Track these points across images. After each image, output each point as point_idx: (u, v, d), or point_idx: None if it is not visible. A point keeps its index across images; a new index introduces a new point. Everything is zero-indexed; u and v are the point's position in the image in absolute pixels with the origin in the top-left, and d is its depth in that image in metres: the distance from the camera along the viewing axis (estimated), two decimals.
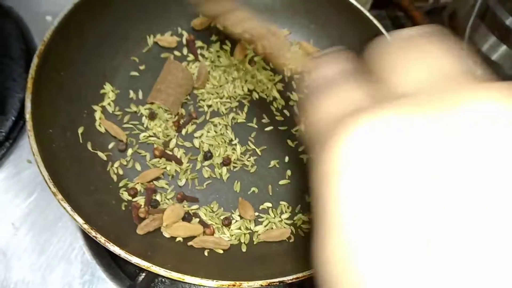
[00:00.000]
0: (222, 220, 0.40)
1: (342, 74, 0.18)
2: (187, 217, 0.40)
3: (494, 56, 0.51)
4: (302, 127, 0.17)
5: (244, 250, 0.39)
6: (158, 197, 0.40)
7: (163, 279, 0.39)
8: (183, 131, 0.44)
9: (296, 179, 0.44)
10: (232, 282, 0.32)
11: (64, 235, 0.40)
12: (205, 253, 0.38)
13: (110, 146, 0.42)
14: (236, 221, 0.41)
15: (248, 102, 0.47)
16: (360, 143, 0.12)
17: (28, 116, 0.35)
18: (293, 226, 0.41)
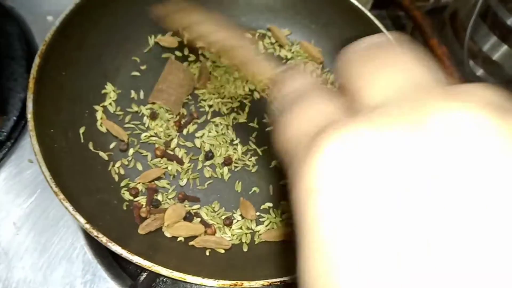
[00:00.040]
0: (224, 220, 0.40)
1: (311, 87, 0.17)
2: (189, 217, 0.40)
3: (495, 56, 0.51)
4: (275, 144, 0.17)
5: (246, 250, 0.39)
6: (160, 197, 0.41)
7: (165, 279, 0.39)
8: (184, 131, 0.44)
9: None
10: (234, 282, 0.32)
11: (66, 235, 0.40)
12: (207, 253, 0.38)
13: (112, 146, 0.42)
14: (238, 221, 0.41)
15: (249, 102, 0.47)
16: (334, 159, 0.12)
17: (30, 116, 0.35)
18: (294, 226, 0.41)
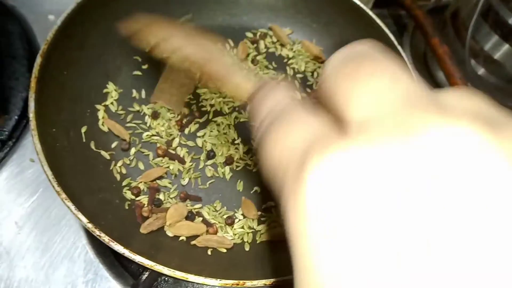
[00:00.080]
0: (225, 219, 0.40)
1: (291, 102, 0.17)
2: (190, 216, 0.40)
3: (497, 55, 0.51)
4: (261, 167, 0.16)
5: (247, 249, 0.39)
6: (161, 196, 0.41)
7: (167, 278, 0.39)
8: (186, 130, 0.44)
9: None
10: (236, 281, 0.32)
11: (67, 234, 0.40)
12: (208, 252, 0.38)
13: (113, 145, 0.42)
14: (239, 220, 0.41)
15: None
16: (325, 180, 0.12)
17: (32, 116, 0.35)
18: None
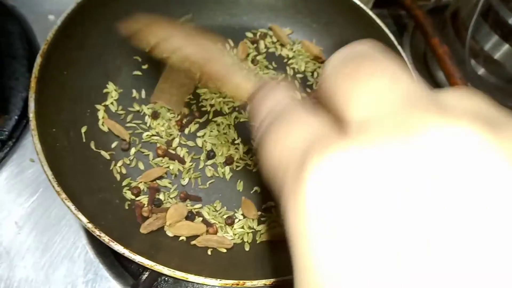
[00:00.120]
0: (225, 219, 0.40)
1: (291, 102, 0.17)
2: (190, 216, 0.40)
3: (497, 55, 0.51)
4: (261, 167, 0.16)
5: (247, 249, 0.39)
6: (161, 196, 0.41)
7: (167, 278, 0.39)
8: (186, 130, 0.44)
9: None
10: (236, 281, 0.32)
11: (67, 234, 0.40)
12: (209, 252, 0.38)
13: (113, 145, 0.42)
14: (239, 220, 0.41)
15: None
16: (326, 181, 0.12)
17: (32, 115, 0.35)
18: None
